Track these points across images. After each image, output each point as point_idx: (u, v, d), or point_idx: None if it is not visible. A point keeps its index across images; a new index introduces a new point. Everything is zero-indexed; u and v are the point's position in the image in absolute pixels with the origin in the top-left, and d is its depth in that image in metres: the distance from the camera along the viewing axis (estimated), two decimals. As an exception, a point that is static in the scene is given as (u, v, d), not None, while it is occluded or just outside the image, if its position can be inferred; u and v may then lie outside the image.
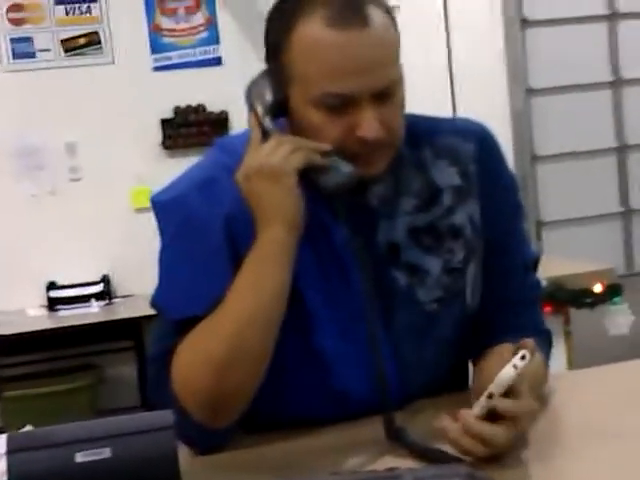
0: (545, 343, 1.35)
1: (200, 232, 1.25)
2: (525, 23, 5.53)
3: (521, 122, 5.49)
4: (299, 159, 1.19)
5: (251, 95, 1.25)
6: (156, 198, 1.31)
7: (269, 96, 1.23)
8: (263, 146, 1.21)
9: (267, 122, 1.22)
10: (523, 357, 1.05)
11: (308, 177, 1.21)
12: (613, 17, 5.68)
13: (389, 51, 1.20)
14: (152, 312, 1.30)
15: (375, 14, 1.19)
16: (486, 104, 5.20)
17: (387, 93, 1.19)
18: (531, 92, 5.54)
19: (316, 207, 1.23)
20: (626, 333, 2.71)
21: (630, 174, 5.70)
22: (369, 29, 1.17)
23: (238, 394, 1.20)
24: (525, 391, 1.08)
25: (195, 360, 1.19)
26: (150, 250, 1.55)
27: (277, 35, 1.22)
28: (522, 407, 1.06)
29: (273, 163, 1.18)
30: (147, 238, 1.85)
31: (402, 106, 1.24)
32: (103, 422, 0.84)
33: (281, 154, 1.19)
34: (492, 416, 1.05)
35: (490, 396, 1.05)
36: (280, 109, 1.23)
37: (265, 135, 1.22)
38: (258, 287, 1.18)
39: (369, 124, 1.18)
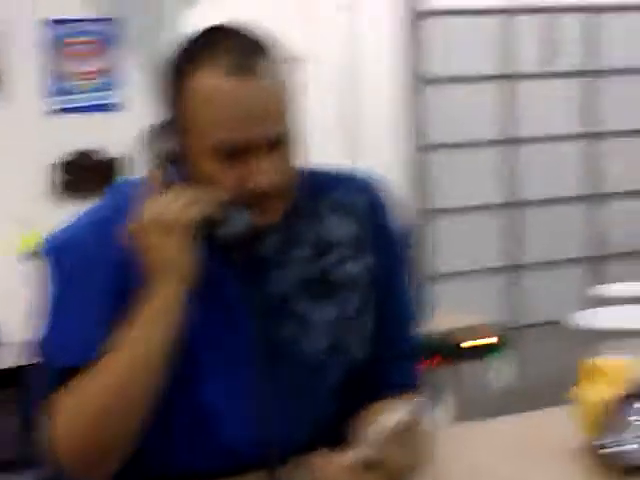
0: (428, 398, 1.36)
1: (90, 277, 1.23)
2: (425, 80, 5.68)
3: (418, 176, 5.60)
4: (195, 212, 1.19)
5: (148, 143, 1.25)
6: (47, 242, 1.29)
7: (166, 145, 1.23)
8: (160, 198, 1.20)
9: (164, 173, 1.22)
10: (404, 412, 1.05)
11: (203, 229, 1.20)
12: (509, 77, 5.89)
13: (283, 100, 1.22)
14: (37, 361, 1.27)
15: (271, 65, 1.20)
16: (386, 159, 5.30)
17: (281, 142, 1.20)
18: (429, 147, 5.68)
19: (209, 259, 1.22)
20: (510, 385, 2.77)
21: (519, 229, 5.87)
22: (265, 79, 1.18)
23: (116, 446, 1.17)
24: (405, 445, 1.09)
25: (74, 411, 1.16)
26: (38, 297, 1.51)
27: (173, 83, 1.22)
28: (400, 460, 1.06)
29: (169, 216, 1.18)
30: (34, 285, 1.80)
31: (296, 155, 1.25)
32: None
33: (177, 206, 1.18)
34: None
35: (364, 446, 1.04)
36: (177, 158, 1.23)
37: (162, 185, 1.21)
38: (144, 341, 1.17)
39: (263, 173, 1.18)
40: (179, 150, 1.22)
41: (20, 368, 3.80)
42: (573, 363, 1.48)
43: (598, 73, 6.01)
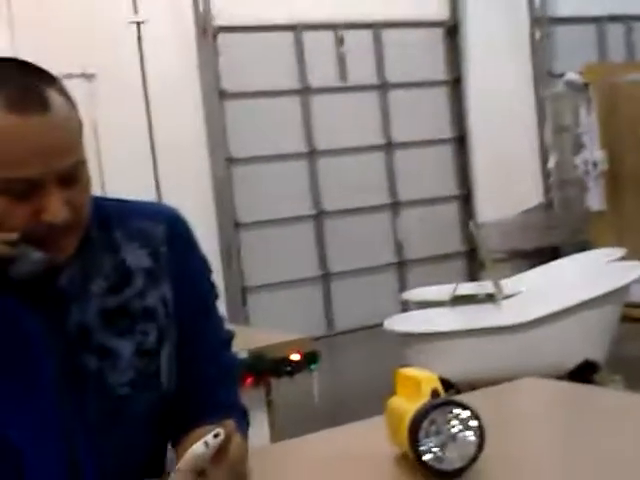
0: (243, 420, 1.37)
1: None
2: (223, 95, 5.70)
3: (223, 190, 5.61)
4: None
5: None
6: None
7: None
8: None
9: None
10: (216, 435, 1.06)
11: None
12: (305, 91, 6.02)
13: (72, 134, 1.18)
14: None
15: (55, 98, 1.16)
16: (189, 174, 5.28)
17: (72, 176, 1.17)
18: (231, 161, 5.70)
19: (2, 298, 1.17)
20: (319, 399, 2.83)
21: (326, 239, 6.01)
22: (50, 114, 1.14)
23: None
24: (222, 470, 1.08)
25: None
26: None
27: None
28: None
29: None
30: None
31: (88, 187, 1.22)
32: None
33: None
34: None
35: (179, 470, 1.04)
36: None
37: None
38: None
39: (55, 208, 1.15)
40: None
41: None
42: (388, 369, 1.54)
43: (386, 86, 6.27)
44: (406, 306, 5.48)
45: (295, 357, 2.59)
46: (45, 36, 4.71)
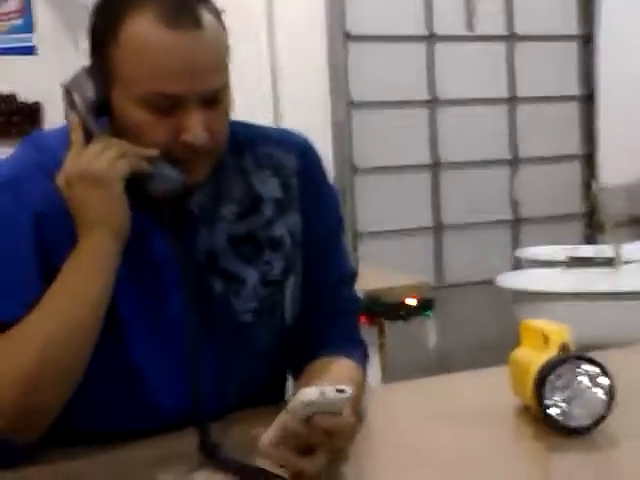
0: (362, 355, 1.36)
1: (6, 233, 1.16)
2: (348, 37, 5.65)
3: (342, 134, 5.59)
4: (125, 166, 1.14)
5: (71, 92, 1.18)
6: None
7: (91, 94, 1.17)
8: (86, 149, 1.15)
9: (90, 123, 1.16)
10: (339, 391, 1.00)
11: (131, 184, 1.15)
12: (431, 39, 5.90)
13: (220, 55, 1.17)
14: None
15: (207, 17, 1.15)
16: (308, 115, 5.26)
17: (215, 98, 1.17)
18: (352, 105, 5.66)
19: (135, 215, 1.18)
20: (433, 346, 2.80)
21: (442, 191, 5.93)
22: (202, 31, 1.13)
23: (47, 409, 1.13)
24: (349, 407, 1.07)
25: (1, 372, 1.10)
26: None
27: (103, 29, 1.16)
28: (340, 424, 1.04)
29: (97, 169, 1.13)
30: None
31: (228, 113, 1.21)
32: None
33: (106, 160, 1.13)
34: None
35: (288, 411, 1.01)
36: (103, 108, 1.17)
37: (87, 136, 1.16)
38: (77, 295, 1.12)
39: (196, 129, 1.14)
40: (106, 100, 1.16)
41: None
42: (498, 325, 1.50)
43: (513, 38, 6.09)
44: (518, 264, 5.37)
45: (411, 302, 2.57)
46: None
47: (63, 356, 1.11)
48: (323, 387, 1.00)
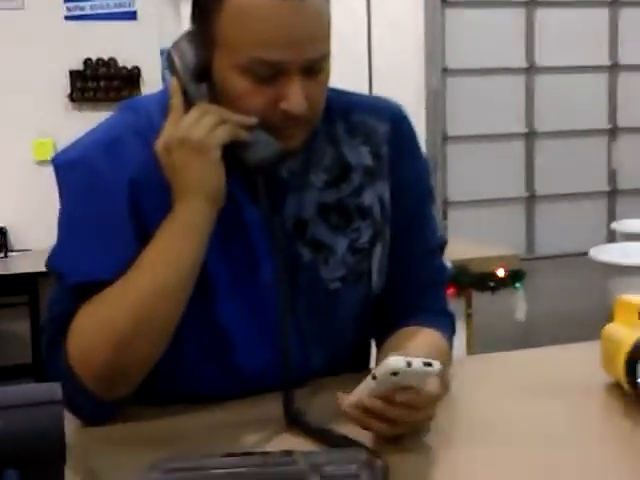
0: (449, 325, 1.36)
1: (103, 194, 1.19)
2: (445, 3, 5.56)
3: (436, 102, 5.52)
4: (224, 133, 1.15)
5: (173, 57, 1.19)
6: (58, 157, 1.24)
7: (192, 59, 1.17)
8: (186, 115, 1.16)
9: (190, 87, 1.17)
10: (427, 364, 1.00)
11: (226, 150, 1.17)
12: (531, 4, 5.76)
13: (323, 25, 1.16)
14: (51, 274, 1.23)
15: None
16: (402, 82, 5.22)
17: (316, 67, 1.16)
18: (446, 71, 5.59)
19: (229, 181, 1.19)
20: (522, 319, 2.76)
21: (536, 159, 5.82)
22: (306, 0, 1.13)
23: (138, 368, 1.16)
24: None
25: (95, 330, 1.14)
26: (50, 205, 1.48)
27: None
28: (423, 400, 1.04)
29: (197, 136, 1.14)
30: (48, 192, 1.79)
31: (326, 82, 1.21)
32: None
33: (205, 126, 1.14)
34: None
35: (374, 377, 1.01)
36: (203, 74, 1.18)
37: (186, 102, 1.17)
38: (171, 258, 1.14)
39: (296, 98, 1.14)
40: (206, 65, 1.17)
41: (32, 275, 3.84)
42: (591, 299, 1.47)
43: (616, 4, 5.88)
44: (613, 237, 5.25)
45: (500, 273, 2.54)
46: None
47: (155, 317, 1.14)
48: (411, 358, 0.99)
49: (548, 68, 5.76)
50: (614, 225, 5.08)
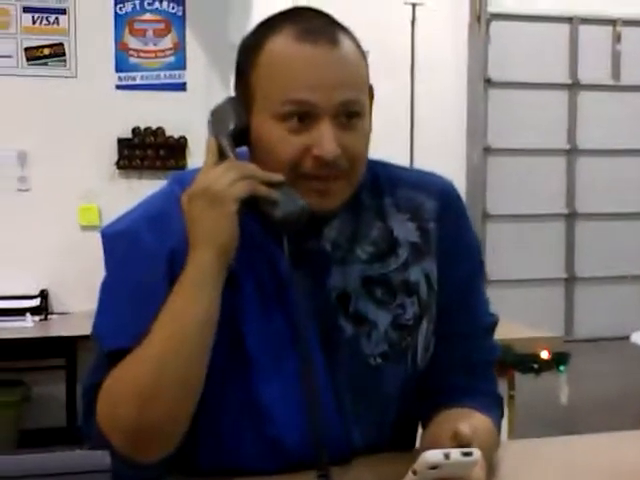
0: (498, 409, 1.33)
1: (144, 265, 1.21)
2: (489, 83, 5.62)
3: (476, 179, 5.54)
4: (243, 188, 1.15)
5: (213, 119, 1.22)
6: (107, 229, 1.27)
7: (231, 120, 1.20)
8: (213, 169, 1.18)
9: (226, 147, 1.19)
10: (466, 454, 0.99)
11: (253, 206, 1.17)
12: (574, 87, 5.80)
13: (354, 72, 1.19)
14: (86, 331, 1.27)
15: (344, 38, 1.19)
16: (444, 158, 5.25)
17: (350, 116, 1.17)
18: (488, 151, 5.62)
19: (266, 241, 1.20)
20: (565, 402, 2.71)
21: (577, 241, 5.79)
22: (337, 48, 1.17)
23: (162, 425, 1.15)
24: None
25: (118, 390, 1.15)
26: (92, 269, 1.50)
27: (245, 59, 1.21)
28: None
29: (217, 188, 1.15)
30: (90, 257, 1.81)
31: (366, 138, 1.21)
32: (36, 458, 0.79)
33: (227, 180, 1.15)
34: None
35: (414, 472, 0.99)
36: (242, 137, 1.20)
37: (220, 159, 1.19)
38: (181, 313, 1.15)
39: (327, 142, 1.15)
40: (245, 128, 1.20)
41: (70, 338, 3.86)
42: (633, 385, 1.44)
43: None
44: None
45: (544, 355, 2.50)
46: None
47: (172, 371, 1.13)
48: (448, 449, 0.98)
49: (591, 151, 5.78)
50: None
